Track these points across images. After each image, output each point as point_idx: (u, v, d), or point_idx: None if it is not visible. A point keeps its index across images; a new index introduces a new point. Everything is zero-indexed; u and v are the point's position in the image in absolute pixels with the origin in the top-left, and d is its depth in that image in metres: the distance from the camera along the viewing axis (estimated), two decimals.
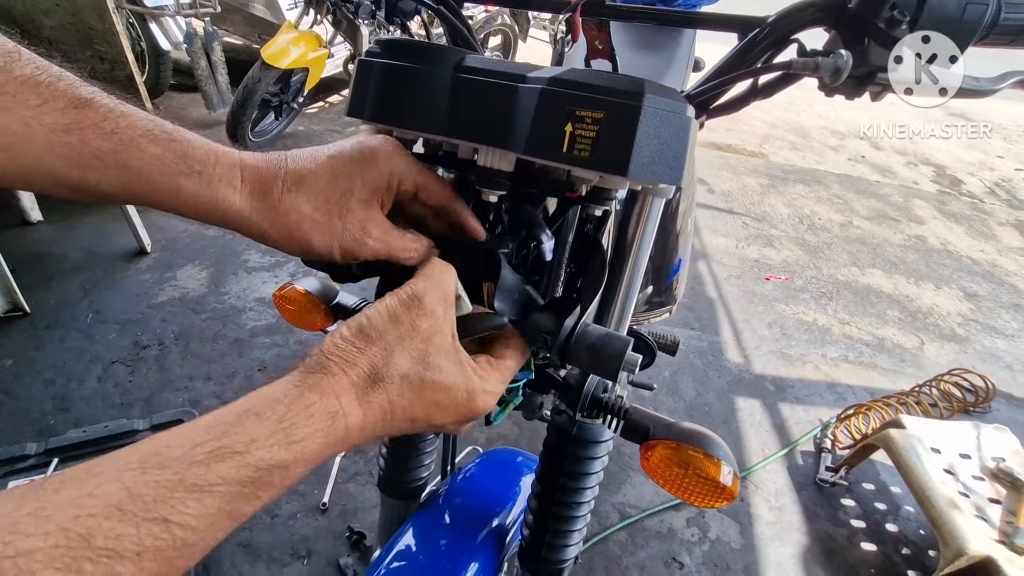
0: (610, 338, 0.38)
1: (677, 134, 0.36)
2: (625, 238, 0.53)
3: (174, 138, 0.34)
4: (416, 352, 0.32)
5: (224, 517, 0.24)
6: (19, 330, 1.79)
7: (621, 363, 0.37)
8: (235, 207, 0.35)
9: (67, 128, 0.31)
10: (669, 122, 0.36)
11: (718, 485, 0.44)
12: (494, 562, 0.65)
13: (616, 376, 0.38)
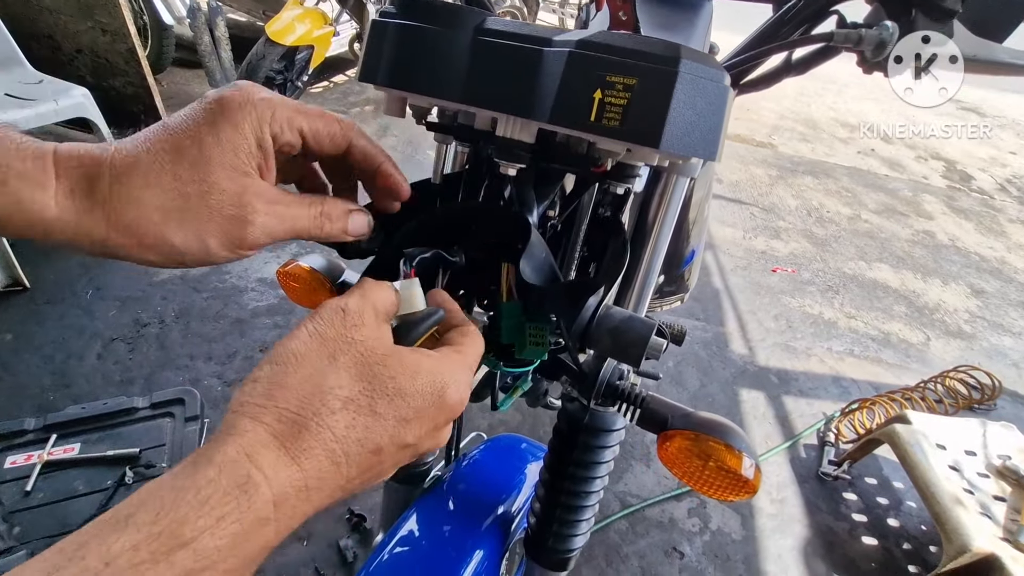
0: (634, 322, 0.36)
1: (714, 104, 0.34)
2: (646, 219, 0.50)
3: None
4: (356, 366, 0.26)
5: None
6: (18, 305, 1.77)
7: (645, 348, 0.35)
8: (48, 212, 0.26)
9: None
10: (706, 91, 0.33)
11: (739, 478, 0.42)
12: (499, 549, 0.64)
13: (639, 362, 0.36)
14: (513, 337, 0.41)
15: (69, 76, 2.21)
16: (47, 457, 1.10)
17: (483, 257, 0.38)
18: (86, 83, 2.20)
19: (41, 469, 1.08)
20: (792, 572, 1.40)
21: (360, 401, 0.25)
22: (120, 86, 2.53)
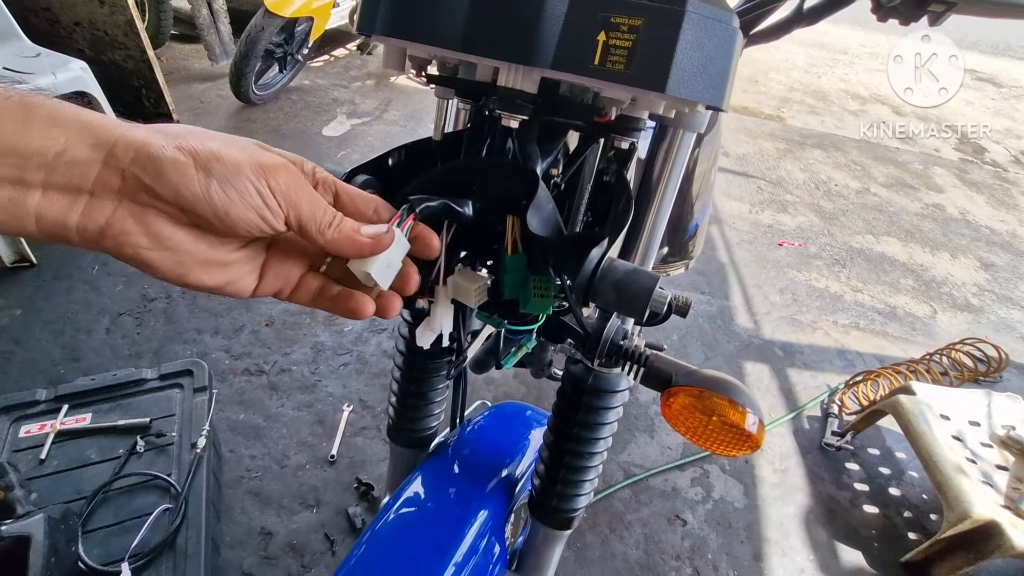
0: (638, 274, 0.36)
1: (723, 47, 0.33)
2: (651, 178, 0.49)
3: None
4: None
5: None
6: (26, 281, 1.79)
7: (649, 300, 0.35)
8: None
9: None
10: (714, 32, 0.32)
11: (743, 433, 0.42)
12: (503, 511, 0.65)
13: (643, 315, 0.36)
14: (517, 292, 0.41)
15: (68, 50, 2.19)
16: (60, 427, 1.12)
17: (488, 212, 0.37)
18: (85, 57, 2.17)
19: (54, 438, 1.10)
20: (793, 539, 1.42)
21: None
22: (120, 60, 2.49)
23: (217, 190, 0.26)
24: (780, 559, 1.37)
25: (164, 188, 0.26)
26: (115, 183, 0.26)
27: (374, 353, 1.73)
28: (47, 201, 0.25)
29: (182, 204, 0.26)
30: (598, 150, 0.51)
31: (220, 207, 0.27)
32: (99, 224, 0.26)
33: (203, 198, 0.26)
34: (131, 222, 0.26)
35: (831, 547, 1.42)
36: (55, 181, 0.25)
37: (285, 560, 1.22)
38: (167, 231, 0.27)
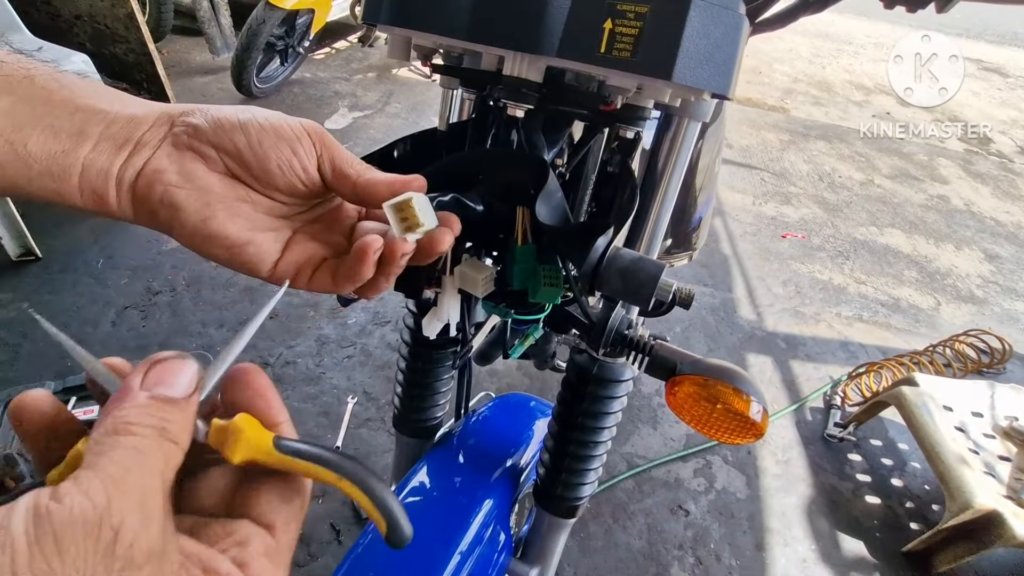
0: (643, 262, 0.36)
1: (728, 34, 0.33)
2: (656, 168, 0.49)
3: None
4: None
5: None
6: (33, 274, 1.80)
7: (655, 288, 0.35)
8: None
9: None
10: (720, 19, 0.32)
11: (747, 421, 0.42)
12: (508, 500, 0.66)
13: (649, 302, 0.36)
14: (526, 282, 0.41)
15: (69, 43, 2.18)
16: None
17: (496, 203, 0.38)
18: (86, 50, 2.17)
19: None
20: (795, 529, 1.43)
21: None
22: (121, 53, 2.49)
23: (256, 123, 0.29)
24: (782, 549, 1.38)
25: (210, 124, 0.28)
26: (162, 132, 0.28)
27: (378, 345, 1.73)
28: (96, 152, 0.27)
29: (224, 139, 0.28)
30: (602, 140, 0.51)
31: (256, 137, 0.28)
32: (137, 167, 0.27)
33: (244, 128, 0.28)
34: (167, 161, 0.28)
35: (833, 537, 1.42)
36: (110, 133, 0.27)
37: None
38: (200, 172, 0.28)
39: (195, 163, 0.28)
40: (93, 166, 0.27)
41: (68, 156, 0.26)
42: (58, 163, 0.26)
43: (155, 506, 0.18)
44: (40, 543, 0.15)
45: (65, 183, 0.26)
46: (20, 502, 0.16)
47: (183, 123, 0.28)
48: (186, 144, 0.28)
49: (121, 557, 0.16)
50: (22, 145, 0.25)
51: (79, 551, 0.16)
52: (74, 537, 0.16)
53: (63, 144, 0.26)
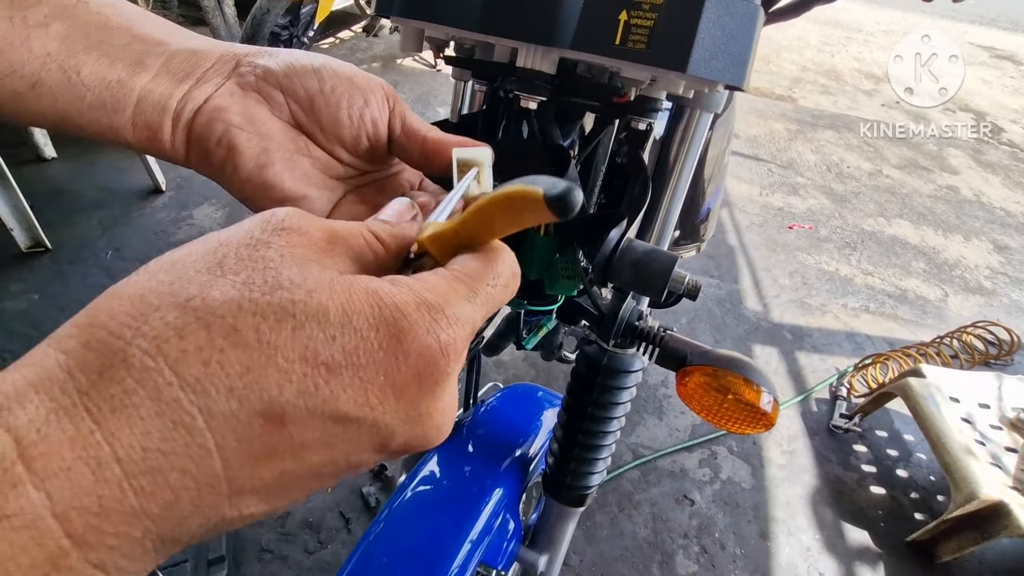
0: (656, 254, 0.36)
1: (744, 26, 0.33)
2: (667, 159, 0.49)
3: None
4: (250, 273, 0.16)
5: None
6: (43, 266, 1.81)
7: (668, 280, 0.35)
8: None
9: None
10: (736, 11, 0.32)
11: (757, 411, 0.43)
12: (518, 489, 0.67)
13: (662, 294, 0.36)
14: (542, 272, 0.41)
15: None
16: None
17: None
18: None
19: None
20: (800, 518, 1.43)
21: (238, 319, 0.15)
22: None
23: (329, 70, 0.27)
24: (787, 538, 1.39)
25: (280, 66, 0.27)
26: (226, 70, 0.27)
27: None
28: (154, 83, 0.25)
29: (295, 83, 0.27)
30: (612, 131, 0.51)
31: (328, 84, 0.27)
32: (198, 103, 0.26)
33: (316, 74, 0.27)
34: (230, 99, 0.26)
35: (837, 527, 1.43)
36: (171, 66, 0.26)
37: (302, 537, 1.26)
38: (263, 116, 0.27)
39: (259, 106, 0.27)
40: (149, 97, 0.25)
41: (123, 86, 0.25)
42: (112, 93, 0.25)
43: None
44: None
45: (118, 115, 0.25)
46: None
47: (251, 63, 0.27)
48: (252, 85, 0.27)
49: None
50: (75, 72, 0.24)
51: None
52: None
53: (119, 73, 0.25)
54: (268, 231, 0.17)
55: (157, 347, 0.15)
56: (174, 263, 0.17)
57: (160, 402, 0.14)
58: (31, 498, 0.13)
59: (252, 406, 0.15)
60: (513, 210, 0.20)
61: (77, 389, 0.14)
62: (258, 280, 0.16)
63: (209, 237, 0.18)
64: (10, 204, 1.71)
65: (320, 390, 0.16)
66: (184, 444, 0.14)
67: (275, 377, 0.15)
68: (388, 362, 0.17)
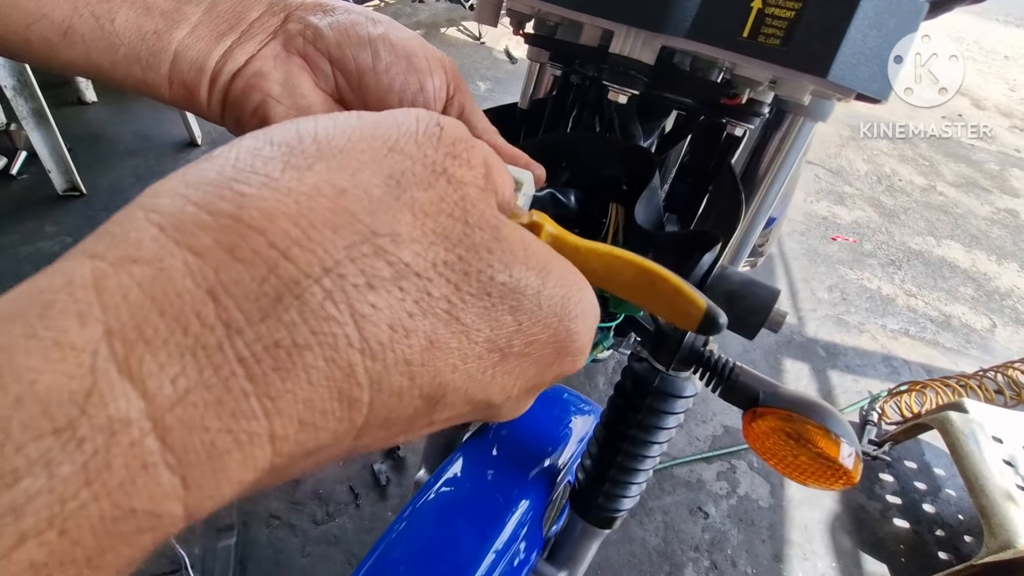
0: (756, 286, 0.31)
1: (904, 25, 0.27)
2: (758, 168, 0.44)
3: None
4: (440, 216, 0.13)
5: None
6: (76, 210, 1.82)
7: (767, 318, 0.31)
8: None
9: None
10: (898, 7, 0.26)
11: (836, 466, 0.38)
12: (544, 501, 0.63)
13: (756, 332, 0.32)
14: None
15: None
16: None
17: (587, 196, 0.33)
18: None
19: None
20: (816, 544, 1.39)
21: (432, 283, 0.13)
22: None
23: (387, 41, 0.24)
24: (801, 562, 1.35)
25: (332, 31, 0.23)
26: (274, 24, 0.24)
27: None
28: (193, 37, 0.22)
29: (346, 53, 0.24)
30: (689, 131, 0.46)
31: (385, 61, 0.24)
32: (238, 63, 0.23)
33: (371, 46, 0.24)
34: (272, 64, 0.23)
35: (855, 556, 1.38)
36: (213, 15, 0.23)
37: (311, 506, 1.26)
38: (306, 87, 0.24)
39: (302, 75, 0.24)
40: (187, 54, 0.23)
41: (160, 38, 0.22)
42: (148, 46, 0.22)
43: None
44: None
45: (153, 71, 0.22)
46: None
47: (301, 20, 0.24)
48: (299, 49, 0.24)
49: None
50: (108, 20, 0.21)
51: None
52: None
53: (155, 23, 0.22)
54: (441, 152, 0.14)
55: (344, 292, 0.11)
56: (339, 149, 0.13)
57: (335, 367, 0.11)
58: (163, 487, 0.10)
59: (420, 385, 0.13)
60: (653, 292, 0.19)
61: (225, 323, 0.10)
62: (453, 233, 0.13)
63: (361, 122, 0.14)
64: (49, 146, 1.72)
65: (485, 376, 0.15)
66: (336, 420, 0.12)
67: (454, 358, 0.13)
68: (550, 360, 0.16)
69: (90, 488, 0.09)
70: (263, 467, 0.11)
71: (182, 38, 0.22)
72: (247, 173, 0.12)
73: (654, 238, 0.32)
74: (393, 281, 0.12)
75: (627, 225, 0.34)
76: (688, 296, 0.19)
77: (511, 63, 3.35)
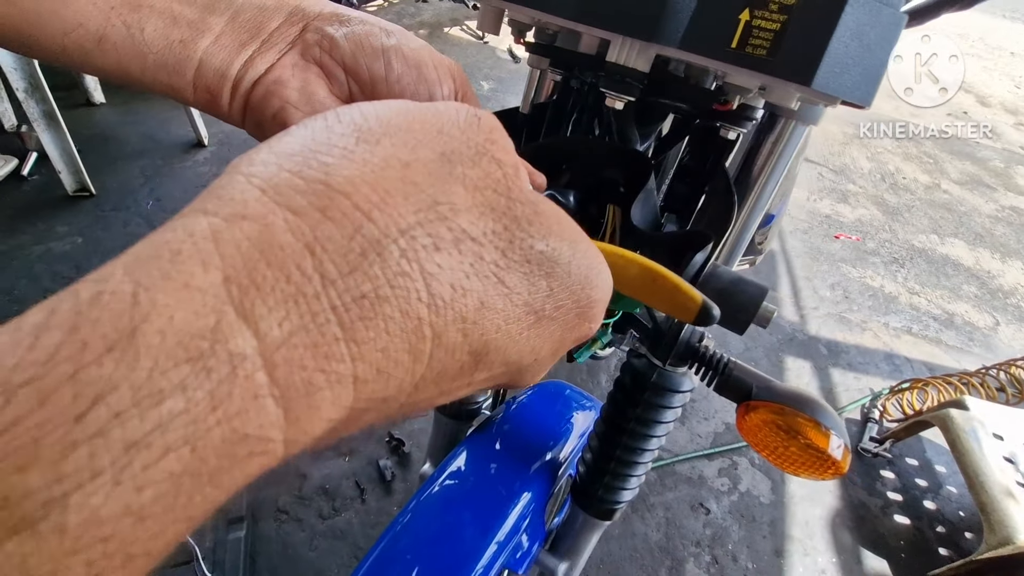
0: (745, 284, 0.33)
1: (885, 36, 0.28)
2: (751, 170, 0.45)
3: None
4: (487, 191, 0.15)
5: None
6: (86, 210, 1.85)
7: (756, 314, 0.32)
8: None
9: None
10: (878, 17, 0.28)
11: (825, 457, 0.40)
12: (545, 493, 0.65)
13: (745, 329, 0.33)
14: None
15: None
16: None
17: (585, 198, 0.35)
18: None
19: None
20: (817, 539, 1.40)
21: (484, 250, 0.14)
22: None
23: (399, 53, 0.25)
24: (801, 558, 1.36)
25: (347, 42, 0.25)
26: (293, 33, 0.25)
27: None
28: (217, 46, 0.24)
29: (360, 63, 0.25)
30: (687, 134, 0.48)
31: (397, 71, 0.25)
32: (259, 72, 0.25)
33: (384, 57, 0.25)
34: (290, 72, 0.25)
35: (856, 552, 1.39)
36: (236, 25, 0.24)
37: (318, 502, 1.28)
38: (322, 94, 0.25)
39: (319, 82, 0.25)
40: (211, 62, 0.24)
41: (187, 47, 0.24)
42: (175, 54, 0.24)
43: None
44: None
45: (179, 77, 0.24)
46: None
47: (318, 31, 0.25)
48: (316, 58, 0.25)
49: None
50: (139, 30, 0.23)
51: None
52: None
53: (182, 33, 0.24)
54: (482, 136, 0.16)
55: (415, 252, 0.13)
56: (399, 128, 0.15)
57: (407, 319, 0.13)
58: (270, 417, 0.11)
59: (470, 342, 0.15)
60: (654, 288, 0.22)
61: (321, 275, 0.12)
62: (499, 205, 0.15)
63: (412, 107, 0.16)
64: (60, 147, 1.74)
65: (521, 337, 0.16)
66: (404, 370, 0.13)
67: (499, 319, 0.15)
68: (573, 323, 0.18)
69: (214, 413, 0.10)
70: (346, 406, 0.12)
71: (206, 47, 0.24)
72: (327, 146, 0.13)
73: (649, 238, 0.33)
74: (454, 244, 0.14)
75: (624, 225, 0.35)
76: (686, 291, 0.22)
77: (514, 63, 3.36)
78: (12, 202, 1.82)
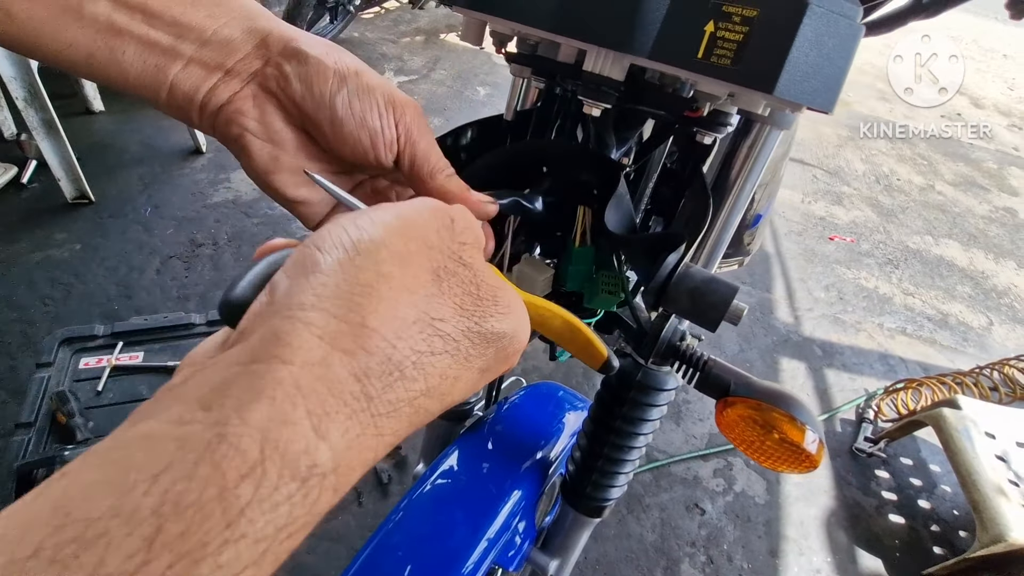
0: (716, 283, 0.34)
1: (843, 45, 0.30)
2: (729, 173, 0.47)
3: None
4: (464, 296, 0.21)
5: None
6: (85, 217, 1.86)
7: (726, 312, 0.33)
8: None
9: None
10: (837, 28, 0.29)
11: (800, 451, 0.41)
12: (536, 491, 0.66)
13: (716, 326, 0.34)
14: (581, 284, 0.40)
15: None
16: (115, 362, 1.19)
17: (558, 200, 0.36)
18: None
19: (110, 372, 1.17)
20: (812, 539, 1.41)
21: (460, 345, 0.20)
22: None
23: (344, 100, 0.27)
24: (796, 557, 1.37)
25: (299, 83, 0.27)
26: (254, 67, 0.28)
27: None
28: (186, 73, 0.27)
29: (307, 103, 0.27)
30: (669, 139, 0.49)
31: (340, 115, 0.27)
32: (221, 100, 0.27)
33: (328, 102, 0.27)
34: (250, 103, 0.28)
35: (851, 552, 1.40)
36: (202, 56, 0.27)
37: None
38: (278, 124, 0.28)
39: (276, 114, 0.28)
40: (180, 87, 0.27)
41: (160, 72, 0.26)
42: (151, 76, 0.26)
43: None
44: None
45: (156, 94, 0.27)
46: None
47: (277, 67, 0.27)
48: (273, 91, 0.28)
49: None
50: (120, 53, 0.26)
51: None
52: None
53: (156, 59, 0.26)
54: (456, 242, 0.21)
55: (422, 364, 0.18)
56: (401, 256, 0.19)
57: (415, 409, 0.19)
58: (331, 499, 0.16)
59: (443, 405, 0.20)
60: (572, 338, 0.29)
61: (366, 396, 0.17)
62: (470, 305, 0.21)
63: (406, 228, 0.20)
64: (59, 155, 1.76)
65: (472, 387, 0.22)
66: (404, 435, 0.19)
67: (463, 384, 0.21)
68: (502, 367, 0.23)
69: (305, 504, 0.15)
70: (368, 467, 0.18)
71: (176, 72, 0.27)
72: (358, 287, 0.18)
73: (623, 240, 0.35)
74: (443, 347, 0.19)
75: (595, 226, 0.37)
76: (596, 345, 0.29)
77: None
78: (11, 210, 1.83)
